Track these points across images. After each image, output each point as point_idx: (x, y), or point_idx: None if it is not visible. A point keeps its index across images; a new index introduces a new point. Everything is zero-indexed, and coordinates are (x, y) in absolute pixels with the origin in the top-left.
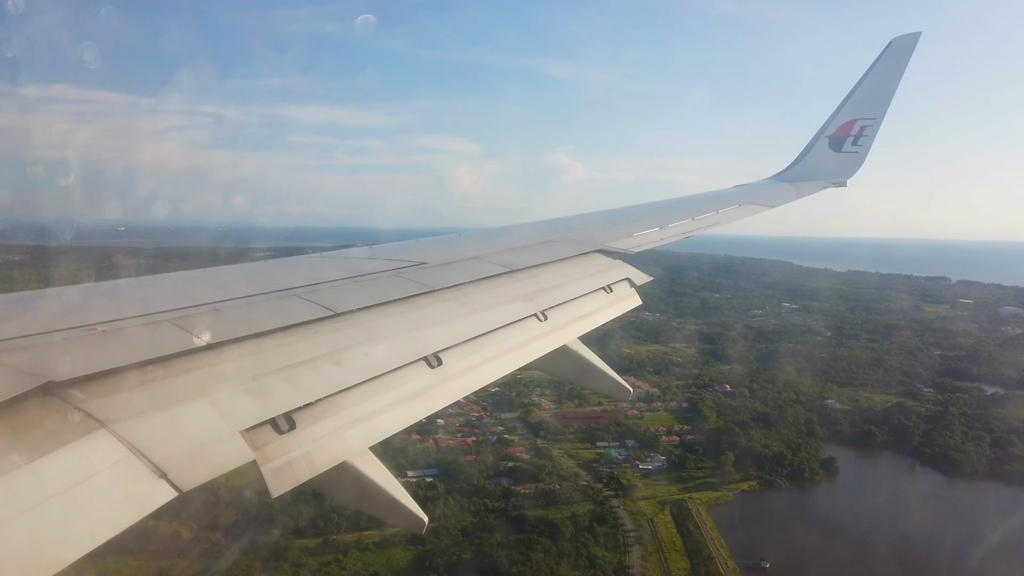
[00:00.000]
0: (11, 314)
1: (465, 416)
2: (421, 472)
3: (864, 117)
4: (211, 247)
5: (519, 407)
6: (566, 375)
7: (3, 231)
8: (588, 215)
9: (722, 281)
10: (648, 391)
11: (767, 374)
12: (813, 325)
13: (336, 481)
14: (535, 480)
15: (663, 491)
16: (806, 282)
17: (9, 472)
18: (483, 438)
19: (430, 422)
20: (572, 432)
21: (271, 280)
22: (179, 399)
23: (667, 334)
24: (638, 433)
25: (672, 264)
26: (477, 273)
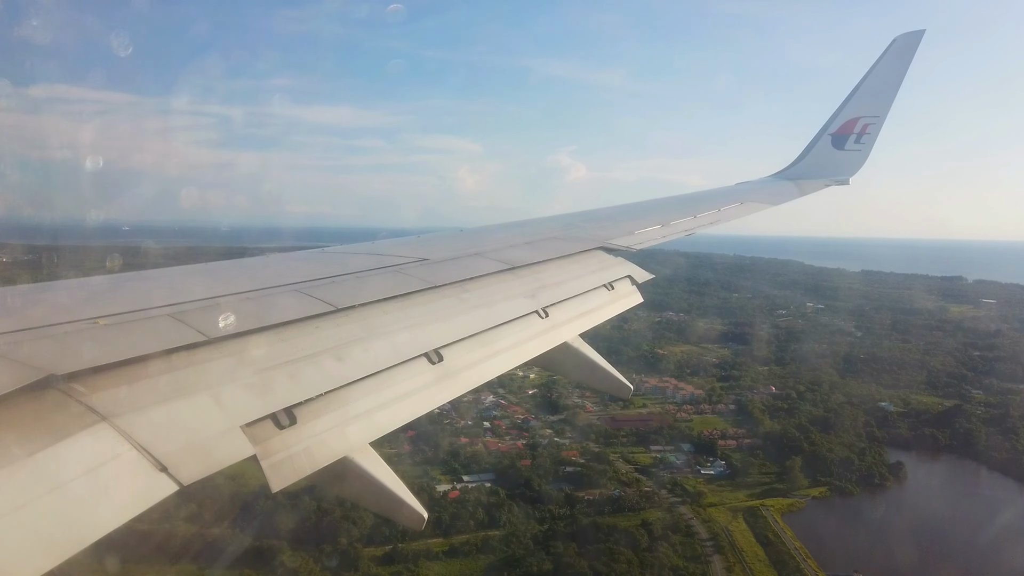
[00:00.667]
0: (12, 308)
1: (510, 418)
2: (477, 477)
3: (867, 115)
4: (214, 246)
5: (563, 409)
6: (567, 372)
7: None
8: (589, 212)
9: (738, 281)
10: (693, 393)
11: (808, 375)
12: (841, 325)
13: (336, 476)
14: (596, 485)
15: (730, 498)
16: (822, 282)
17: (10, 465)
18: (533, 441)
19: (476, 424)
20: (624, 435)
21: (272, 275)
22: (180, 393)
23: (697, 334)
24: (692, 437)
25: (684, 264)
26: (478, 270)
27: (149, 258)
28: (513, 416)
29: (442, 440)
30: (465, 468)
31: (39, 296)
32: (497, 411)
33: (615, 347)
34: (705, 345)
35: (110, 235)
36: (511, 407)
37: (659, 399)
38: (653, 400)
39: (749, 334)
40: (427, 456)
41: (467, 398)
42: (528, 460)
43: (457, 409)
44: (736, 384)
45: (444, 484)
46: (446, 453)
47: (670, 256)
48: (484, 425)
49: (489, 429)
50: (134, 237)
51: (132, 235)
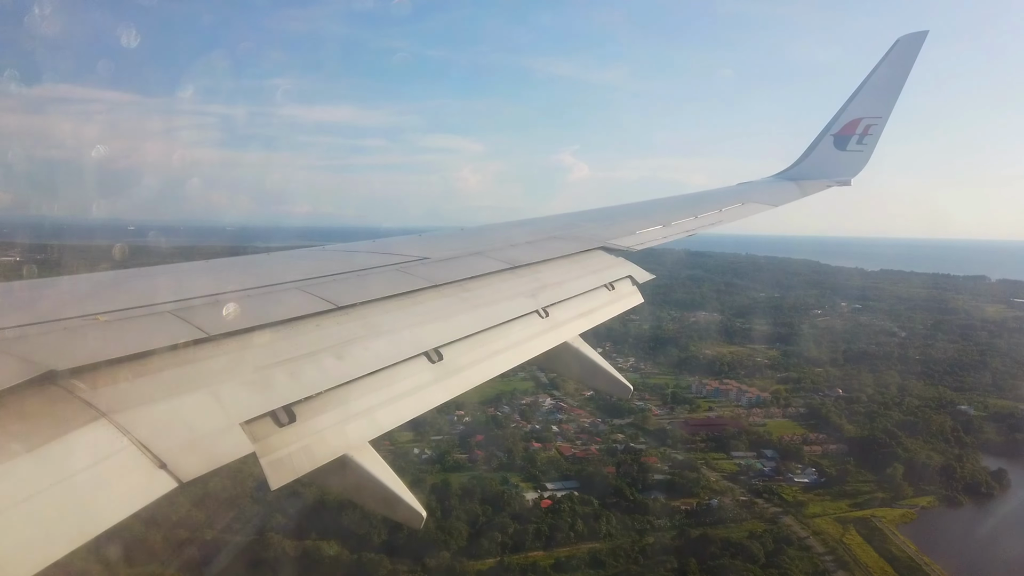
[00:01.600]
0: (14, 303)
1: (576, 422)
2: (561, 484)
3: (869, 116)
4: (218, 246)
5: (629, 412)
6: (567, 372)
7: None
8: (590, 212)
9: (760, 280)
10: (759, 396)
11: (868, 378)
12: (883, 325)
13: (335, 474)
14: (688, 494)
15: (832, 507)
16: (844, 281)
17: (10, 460)
18: (608, 446)
19: (545, 429)
20: (700, 440)
21: (273, 273)
22: (180, 390)
23: (739, 335)
24: (771, 442)
25: (700, 263)
26: (479, 269)
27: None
28: (578, 420)
29: (513, 446)
30: (545, 475)
31: (41, 292)
32: (561, 415)
33: (660, 347)
34: (751, 346)
35: (117, 234)
36: (573, 410)
37: (723, 402)
38: (717, 403)
39: (793, 335)
40: (502, 462)
41: (525, 401)
42: (613, 467)
43: (523, 414)
44: (798, 386)
45: (528, 492)
46: (522, 459)
47: (684, 255)
48: (553, 429)
49: (558, 433)
50: (140, 236)
51: (138, 234)
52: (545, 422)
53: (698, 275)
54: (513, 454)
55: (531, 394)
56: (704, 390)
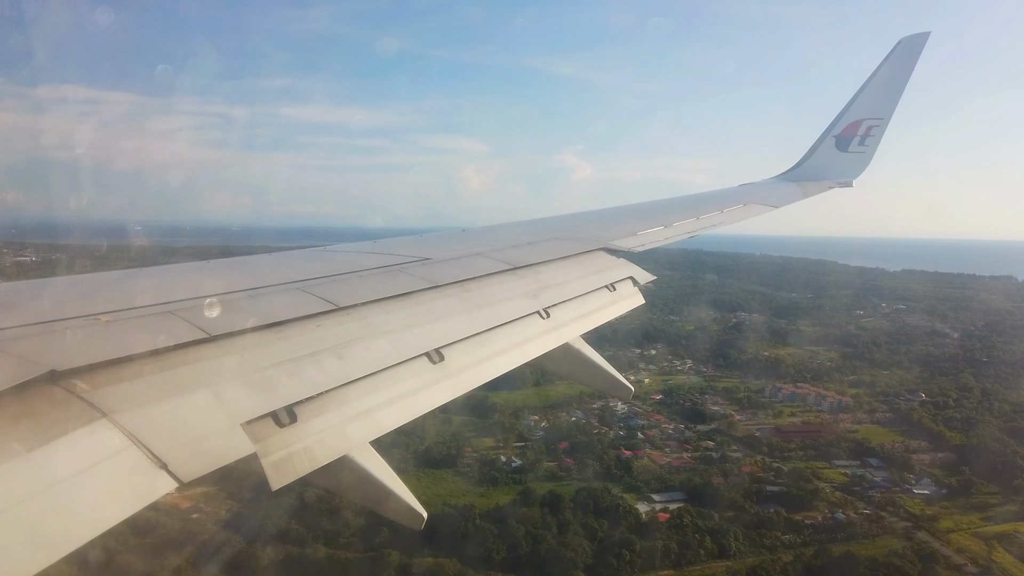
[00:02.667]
0: (15, 303)
1: (658, 427)
2: (667, 496)
3: (871, 117)
4: (221, 246)
5: (710, 417)
6: (568, 373)
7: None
8: (592, 213)
9: (788, 281)
10: (841, 400)
11: (945, 381)
12: (932, 326)
13: (336, 475)
14: (807, 507)
15: (964, 521)
16: (871, 281)
17: (11, 460)
18: (699, 454)
19: (630, 435)
20: (795, 448)
21: (274, 273)
22: (181, 390)
23: (792, 336)
24: (873, 450)
25: (717, 264)
26: (480, 269)
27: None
28: (659, 425)
29: (603, 453)
30: (647, 485)
31: (42, 292)
32: (641, 420)
33: (718, 349)
34: (807, 347)
35: (124, 234)
36: (651, 415)
37: (803, 407)
38: (798, 408)
39: (845, 336)
40: (596, 470)
41: (596, 405)
42: (721, 478)
43: (602, 419)
44: (873, 390)
45: (635, 503)
46: (617, 468)
47: (697, 256)
48: (638, 436)
49: (645, 440)
50: (146, 236)
51: (144, 234)
52: (627, 428)
53: (722, 274)
54: (604, 462)
55: (598, 397)
56: (779, 394)
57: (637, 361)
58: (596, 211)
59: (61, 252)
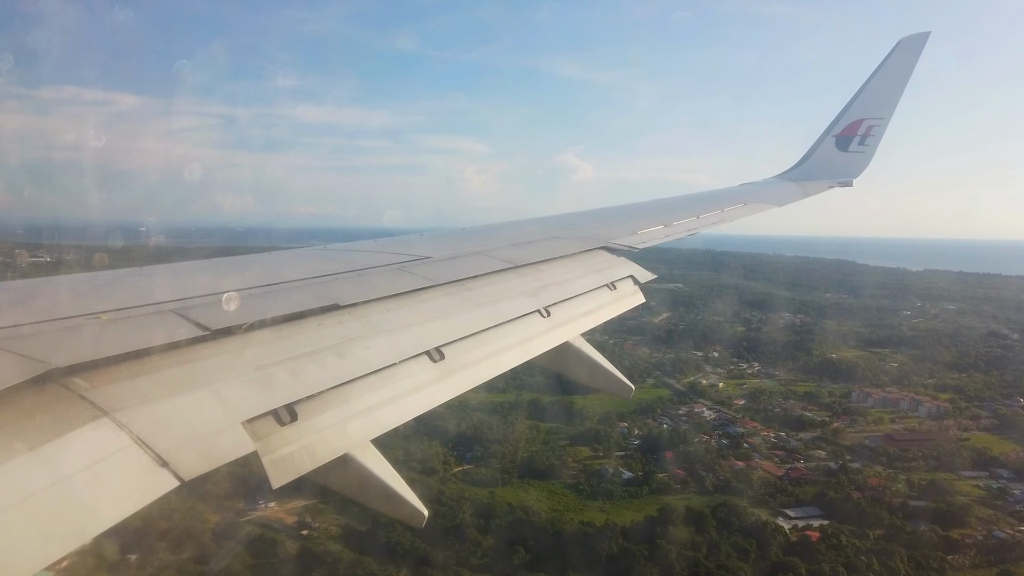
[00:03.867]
0: (15, 301)
1: (758, 435)
2: (802, 511)
3: (871, 117)
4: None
5: (809, 424)
6: (569, 372)
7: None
8: (592, 212)
9: (816, 281)
10: (939, 406)
11: None
12: (987, 326)
13: (337, 473)
14: (960, 524)
15: None
16: (899, 281)
17: (11, 459)
18: (814, 464)
19: (733, 443)
20: (914, 458)
21: (275, 272)
22: (181, 389)
23: (851, 338)
24: (997, 459)
25: (735, 264)
26: (480, 268)
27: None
28: (759, 433)
29: (714, 464)
30: (773, 498)
31: (42, 290)
32: (739, 428)
33: (786, 353)
34: (872, 350)
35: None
36: (746, 422)
37: (899, 412)
38: (892, 414)
39: (904, 337)
40: (714, 483)
41: (682, 410)
42: (856, 491)
43: (698, 426)
44: (964, 394)
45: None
46: (737, 480)
47: (715, 256)
48: (743, 445)
49: (752, 450)
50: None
51: (148, 234)
52: (727, 436)
53: (747, 275)
54: (718, 473)
55: (682, 403)
56: (868, 399)
57: (702, 363)
58: (596, 210)
59: (72, 252)
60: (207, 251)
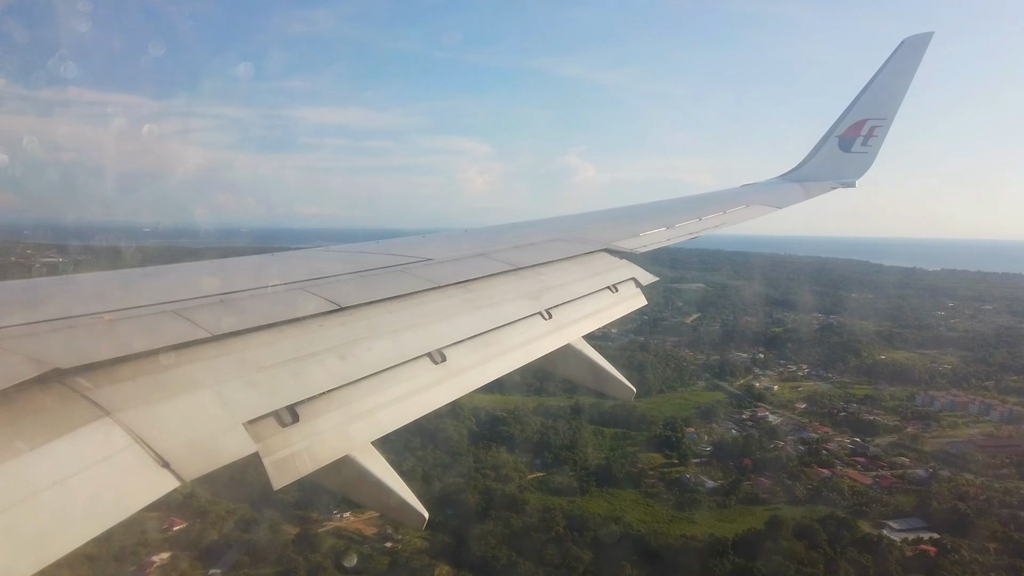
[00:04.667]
0: (18, 301)
1: (832, 441)
2: (907, 524)
3: (874, 117)
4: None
5: (882, 429)
6: (570, 374)
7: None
8: (594, 214)
9: (838, 281)
10: (1013, 409)
11: None
12: None
13: (338, 475)
14: None
15: None
16: (919, 281)
17: (13, 458)
18: (901, 472)
19: (811, 450)
20: (1004, 465)
21: (277, 273)
22: (183, 389)
23: (895, 339)
24: None
25: (746, 263)
26: (482, 270)
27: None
28: (833, 439)
29: (797, 472)
30: (869, 509)
31: (46, 291)
32: (811, 433)
33: (835, 354)
34: (920, 351)
35: (135, 236)
36: (818, 427)
37: (966, 416)
38: (963, 418)
39: (947, 338)
40: (804, 492)
41: (745, 415)
42: (961, 501)
43: (772, 432)
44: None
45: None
46: (828, 489)
47: (727, 255)
48: (823, 453)
49: (833, 456)
50: (155, 238)
51: (153, 236)
52: (802, 442)
53: (766, 275)
54: (805, 482)
55: (743, 407)
56: (934, 403)
57: (750, 365)
58: (598, 212)
59: (79, 253)
60: (208, 251)
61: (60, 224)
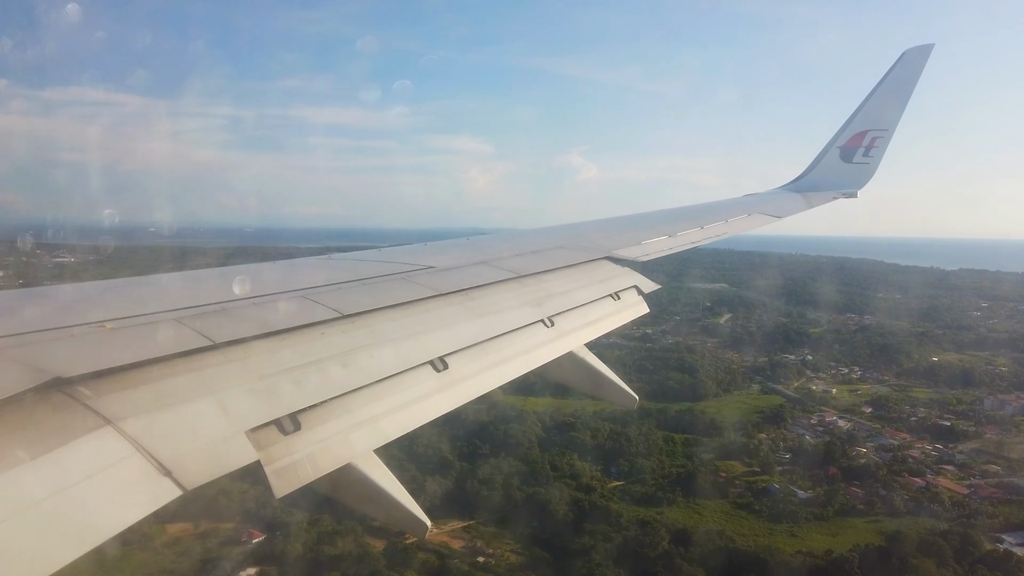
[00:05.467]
0: (20, 310)
1: (909, 446)
2: (1019, 536)
3: (875, 128)
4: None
5: (962, 435)
6: (573, 382)
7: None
8: (597, 222)
9: (859, 281)
10: None
11: None
12: None
13: (340, 483)
14: None
15: None
16: (941, 281)
17: (15, 467)
18: (995, 480)
19: (896, 458)
20: None
21: (279, 281)
22: (185, 398)
23: (941, 340)
24: None
25: (760, 263)
26: (484, 278)
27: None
28: (912, 445)
29: (889, 481)
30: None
31: (47, 299)
32: (890, 439)
33: (887, 356)
34: (970, 352)
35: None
36: (895, 433)
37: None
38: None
39: (1000, 340)
40: (903, 503)
41: (814, 419)
42: None
43: (853, 439)
44: None
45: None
46: (927, 499)
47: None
48: (908, 461)
49: (922, 464)
50: (158, 238)
51: (156, 235)
52: (885, 449)
53: (783, 275)
54: (899, 491)
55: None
56: (1006, 407)
57: (802, 368)
58: (600, 220)
59: (82, 253)
60: (209, 250)
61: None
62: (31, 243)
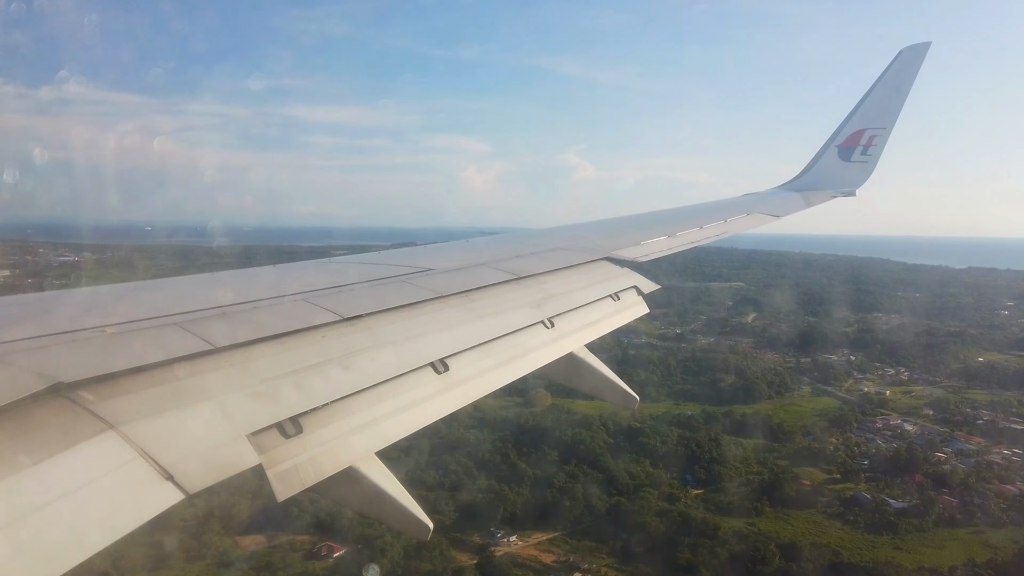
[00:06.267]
0: (21, 315)
1: (988, 450)
2: None
3: (873, 127)
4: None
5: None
6: (573, 383)
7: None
8: (596, 223)
9: (875, 280)
10: None
11: None
12: None
13: (342, 486)
14: None
15: None
16: (956, 279)
17: (17, 472)
18: None
19: (980, 464)
20: None
21: (279, 284)
22: (186, 402)
23: (981, 340)
24: None
25: (768, 262)
26: (484, 279)
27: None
28: (990, 450)
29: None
30: None
31: (48, 304)
32: (968, 444)
33: (933, 356)
34: (1014, 353)
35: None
36: (970, 438)
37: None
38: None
39: None
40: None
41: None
42: None
43: (931, 444)
44: None
45: None
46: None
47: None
48: (994, 465)
49: (1007, 470)
50: (156, 237)
51: (154, 235)
52: (965, 455)
53: (796, 275)
54: (992, 500)
55: (867, 413)
56: None
57: (851, 369)
58: (599, 221)
59: (84, 252)
60: (209, 249)
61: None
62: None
